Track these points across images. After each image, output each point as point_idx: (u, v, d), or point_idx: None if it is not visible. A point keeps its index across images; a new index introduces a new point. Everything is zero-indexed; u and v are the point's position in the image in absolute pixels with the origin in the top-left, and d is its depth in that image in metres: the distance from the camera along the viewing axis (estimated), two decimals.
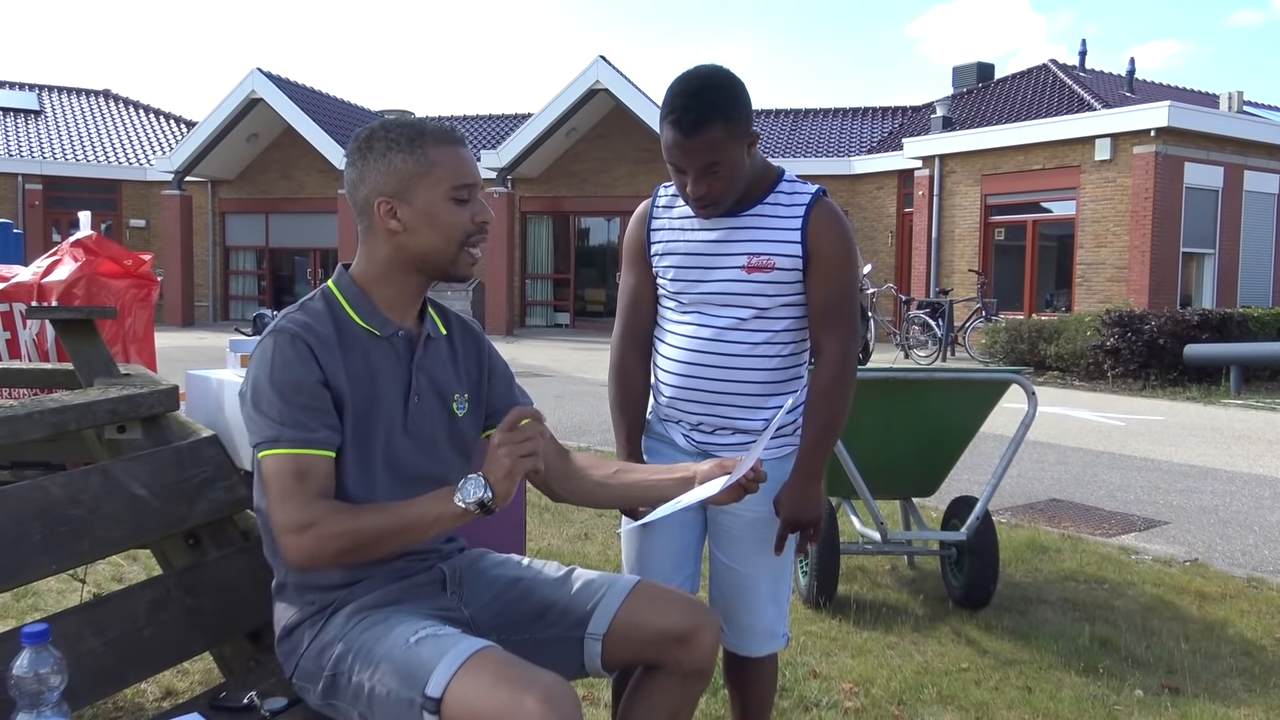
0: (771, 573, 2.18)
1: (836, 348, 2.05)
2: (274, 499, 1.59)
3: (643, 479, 1.89)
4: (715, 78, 1.94)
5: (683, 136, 1.91)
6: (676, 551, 2.20)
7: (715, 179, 1.96)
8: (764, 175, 2.08)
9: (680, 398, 2.14)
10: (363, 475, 1.69)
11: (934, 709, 2.96)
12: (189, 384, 2.66)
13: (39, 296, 3.74)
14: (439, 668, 1.50)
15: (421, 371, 1.77)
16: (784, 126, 24.79)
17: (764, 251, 2.04)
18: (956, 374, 3.72)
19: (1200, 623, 3.79)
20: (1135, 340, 12.44)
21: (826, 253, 2.03)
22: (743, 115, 1.94)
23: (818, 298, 2.05)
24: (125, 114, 28.40)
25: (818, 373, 2.07)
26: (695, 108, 1.90)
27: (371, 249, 1.73)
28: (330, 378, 1.64)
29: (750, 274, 2.04)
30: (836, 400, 2.05)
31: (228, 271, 26.28)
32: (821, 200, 2.06)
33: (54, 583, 3.78)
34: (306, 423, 1.61)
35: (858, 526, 4.16)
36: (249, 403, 1.64)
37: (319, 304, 1.72)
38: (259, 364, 1.64)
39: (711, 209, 2.03)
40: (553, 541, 4.76)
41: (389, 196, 1.67)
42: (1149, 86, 22.26)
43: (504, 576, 1.86)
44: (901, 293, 18.59)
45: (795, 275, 2.05)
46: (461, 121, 26.88)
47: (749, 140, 1.98)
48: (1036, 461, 7.29)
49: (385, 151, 1.67)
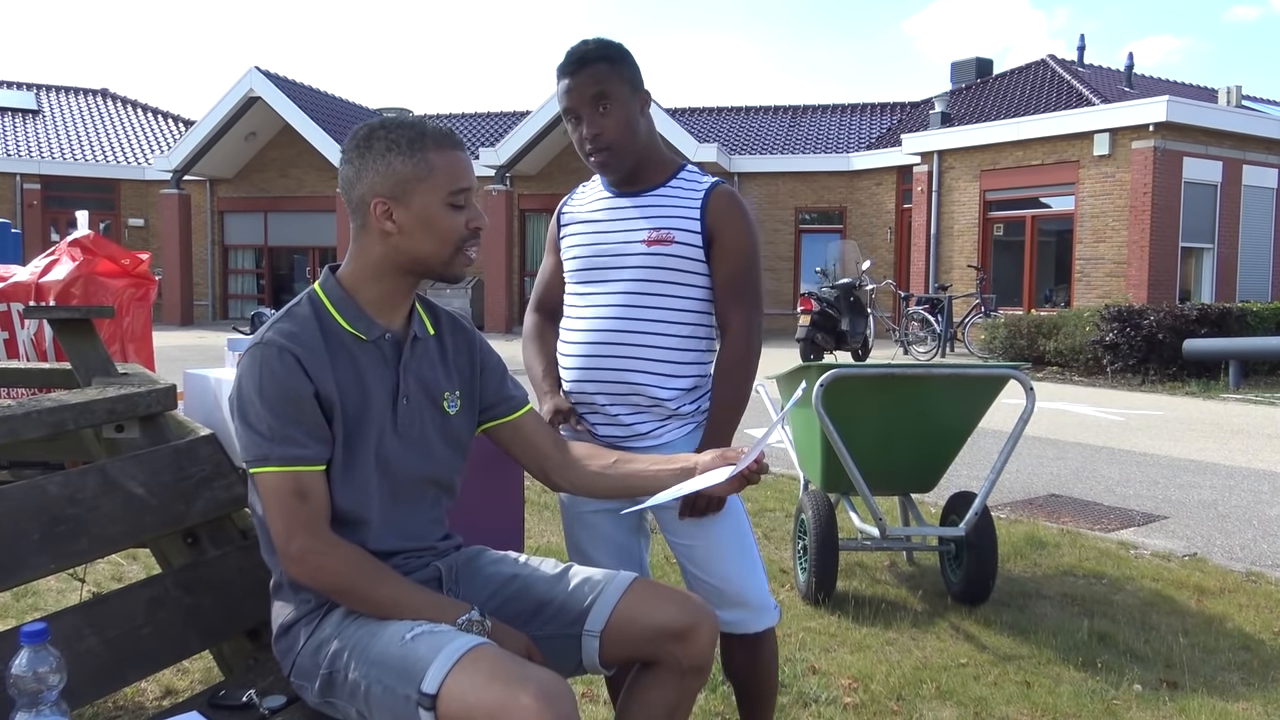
0: (734, 536, 2.17)
1: (740, 323, 2.15)
2: (276, 518, 1.62)
3: (642, 469, 1.90)
4: (599, 38, 2.13)
5: (569, 77, 2.09)
6: (617, 546, 2.25)
7: (607, 119, 2.08)
8: (667, 162, 2.22)
9: (586, 379, 2.18)
10: (352, 481, 1.69)
11: (933, 704, 2.97)
12: (187, 383, 2.67)
13: (37, 296, 3.74)
14: (435, 664, 1.50)
15: (409, 373, 1.76)
16: (782, 123, 24.78)
17: (664, 226, 2.14)
18: (955, 370, 3.72)
19: (1199, 617, 3.79)
20: (1134, 335, 12.44)
21: (727, 232, 2.14)
22: (628, 64, 2.11)
23: (721, 276, 2.16)
24: (123, 113, 28.38)
25: (724, 349, 2.17)
26: (578, 50, 2.10)
27: (364, 248, 1.73)
28: (320, 387, 1.64)
29: (650, 247, 2.14)
30: (742, 374, 2.15)
31: (226, 270, 26.26)
32: (721, 185, 2.19)
33: (53, 582, 3.78)
34: (299, 438, 1.61)
35: (856, 522, 4.16)
36: (238, 416, 1.64)
37: (305, 309, 1.71)
38: (247, 377, 1.63)
39: (608, 155, 2.12)
40: (551, 539, 4.76)
41: (385, 198, 1.67)
42: (1147, 81, 22.26)
43: (500, 574, 1.86)
44: (900, 289, 18.59)
45: (695, 252, 2.14)
46: (460, 119, 26.85)
47: (641, 97, 2.13)
48: (1035, 457, 7.29)
49: (384, 152, 1.67)
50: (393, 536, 1.75)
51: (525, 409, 1.95)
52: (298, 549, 1.61)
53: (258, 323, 11.68)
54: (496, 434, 1.94)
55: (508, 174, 21.95)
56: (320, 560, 1.61)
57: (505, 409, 1.92)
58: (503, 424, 1.92)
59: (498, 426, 1.92)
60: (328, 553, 1.61)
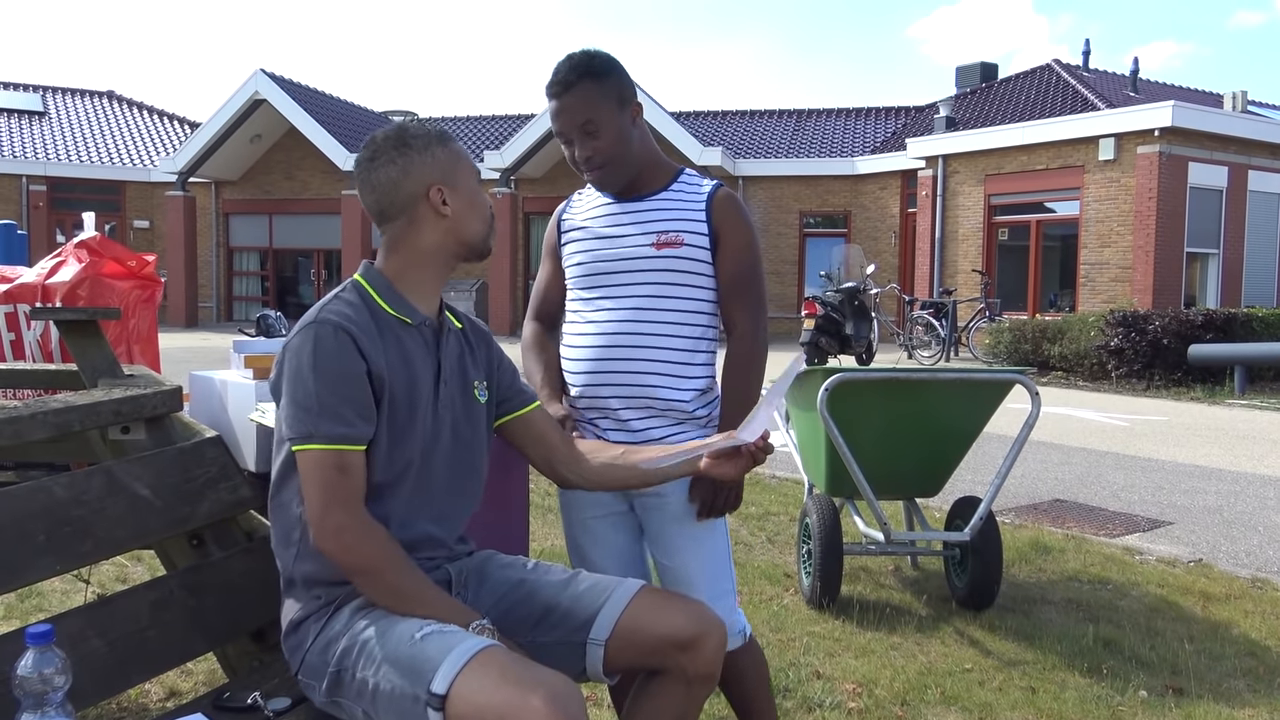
0: (709, 566, 2.19)
1: (747, 322, 2.17)
2: (314, 491, 1.63)
3: (648, 458, 1.93)
4: (585, 52, 2.12)
5: (556, 99, 2.09)
6: (618, 550, 2.26)
7: (596, 141, 2.09)
8: (665, 167, 2.23)
9: (598, 383, 2.18)
10: (394, 459, 1.72)
11: (937, 710, 2.96)
12: (192, 385, 2.67)
13: (43, 298, 3.74)
14: (444, 664, 1.50)
15: (447, 358, 1.82)
16: (787, 127, 24.78)
17: (672, 229, 2.15)
18: (960, 374, 3.71)
19: (1204, 623, 3.78)
20: (1139, 340, 12.42)
21: (731, 233, 2.16)
22: (614, 79, 2.10)
23: (726, 276, 2.18)
24: (129, 115, 28.44)
25: (731, 347, 2.18)
26: (563, 71, 2.09)
27: (413, 241, 1.80)
28: (373, 367, 1.69)
29: (660, 250, 2.15)
30: (751, 371, 2.16)
31: (231, 272, 26.30)
32: (722, 187, 2.21)
33: (58, 583, 3.79)
34: (347, 416, 1.64)
35: (861, 527, 4.16)
36: (285, 394, 1.67)
37: (351, 294, 1.77)
38: (300, 354, 1.66)
39: (603, 174, 2.14)
40: (556, 542, 4.75)
41: (441, 184, 1.78)
42: (1153, 86, 22.22)
43: (509, 578, 1.87)
44: (905, 293, 18.55)
45: (703, 254, 2.16)
46: (465, 122, 26.89)
47: (631, 109, 2.13)
48: (1040, 462, 7.28)
49: (426, 146, 1.79)
50: (418, 518, 1.77)
51: (535, 404, 1.99)
52: (334, 524, 1.62)
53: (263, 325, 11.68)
54: (508, 429, 1.97)
55: (512, 177, 21.97)
56: (353, 538, 1.62)
57: (518, 403, 1.96)
58: (515, 418, 1.96)
59: (510, 421, 1.96)
60: (361, 532, 1.63)
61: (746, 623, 2.29)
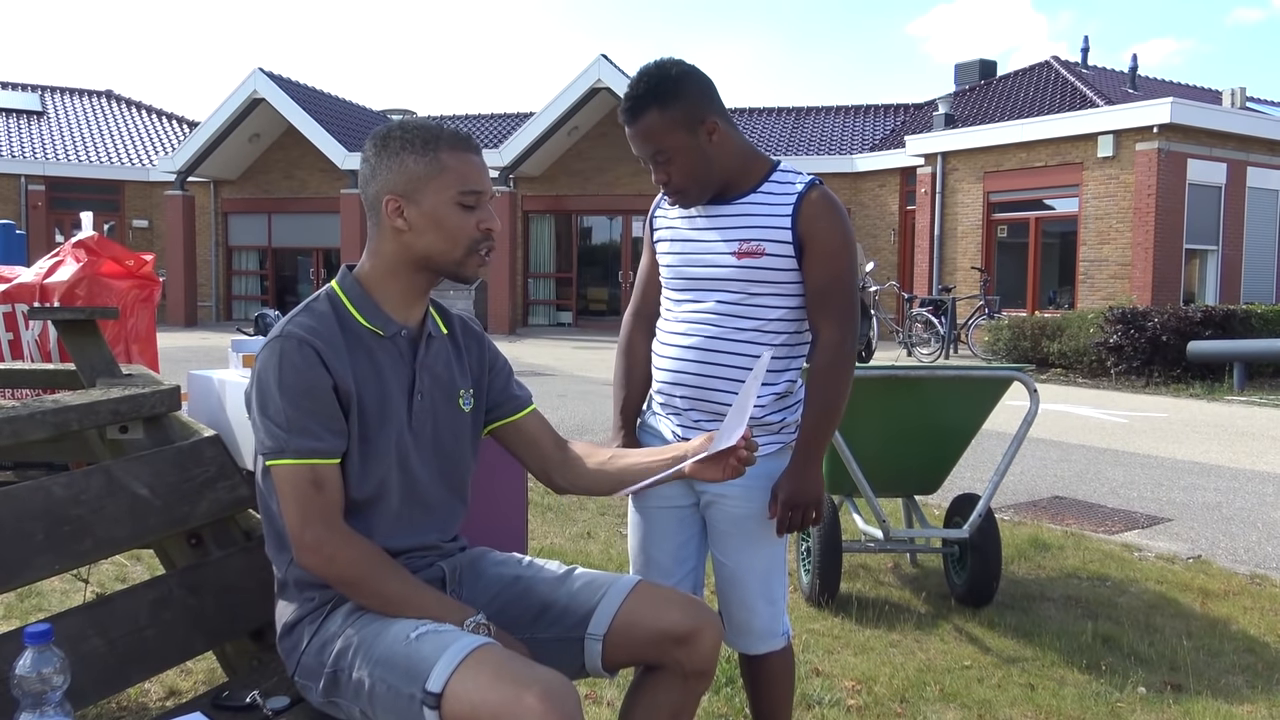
0: (762, 568, 2.19)
1: (834, 332, 2.07)
2: (291, 507, 1.63)
3: (634, 462, 1.92)
4: (659, 69, 2.01)
5: (627, 126, 2.04)
6: (677, 545, 2.24)
7: (670, 167, 2.03)
8: (755, 166, 2.11)
9: (673, 382, 2.16)
10: (369, 475, 1.70)
11: (936, 707, 2.96)
12: (191, 384, 2.67)
13: (41, 297, 3.74)
14: (440, 663, 1.50)
15: (425, 370, 1.79)
16: (786, 124, 24.77)
17: (754, 238, 2.07)
18: (959, 371, 3.72)
19: (1203, 620, 3.78)
20: (1138, 337, 12.42)
21: (820, 238, 2.05)
22: (683, 102, 1.99)
23: (813, 283, 2.07)
24: (127, 114, 28.42)
25: (816, 357, 2.10)
26: (631, 97, 2.01)
27: (379, 245, 1.75)
28: (339, 381, 1.66)
29: (741, 260, 2.08)
30: (835, 383, 2.07)
31: (230, 271, 26.29)
32: (814, 188, 2.08)
33: (57, 583, 3.79)
34: (315, 430, 1.63)
35: (860, 524, 4.16)
36: (255, 409, 1.66)
37: (323, 305, 1.73)
38: (266, 369, 1.65)
39: (680, 198, 2.09)
40: (555, 540, 4.76)
41: (397, 195, 1.70)
42: (1152, 83, 22.22)
43: (504, 575, 1.87)
44: (904, 290, 18.56)
45: (788, 262, 2.07)
46: (464, 120, 26.87)
47: (706, 128, 2.02)
48: (1039, 459, 7.28)
49: (399, 151, 1.70)
50: (403, 533, 1.76)
51: (529, 409, 1.96)
52: (312, 538, 1.61)
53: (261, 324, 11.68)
54: (501, 434, 1.95)
55: (511, 175, 21.96)
56: (333, 551, 1.62)
57: (510, 409, 1.94)
58: (507, 424, 1.94)
59: (502, 427, 1.94)
60: (341, 544, 1.62)
61: (789, 626, 2.29)
